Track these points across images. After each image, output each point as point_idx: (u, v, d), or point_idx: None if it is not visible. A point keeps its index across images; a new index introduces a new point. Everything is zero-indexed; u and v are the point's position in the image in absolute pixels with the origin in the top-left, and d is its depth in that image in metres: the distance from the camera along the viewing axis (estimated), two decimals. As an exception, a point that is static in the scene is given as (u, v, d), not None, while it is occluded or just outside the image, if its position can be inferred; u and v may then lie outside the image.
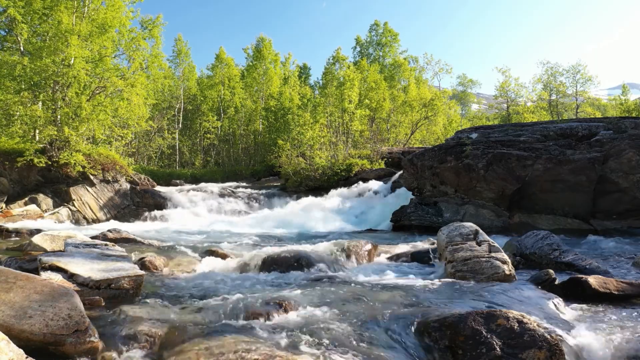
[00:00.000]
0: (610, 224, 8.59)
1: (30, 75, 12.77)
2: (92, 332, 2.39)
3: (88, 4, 14.50)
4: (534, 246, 5.10)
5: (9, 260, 4.21)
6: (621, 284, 3.59)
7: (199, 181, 21.36)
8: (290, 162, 18.14)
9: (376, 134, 25.02)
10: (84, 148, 13.44)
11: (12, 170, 12.14)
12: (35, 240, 5.19)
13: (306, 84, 34.81)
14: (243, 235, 8.36)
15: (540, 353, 2.31)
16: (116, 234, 6.54)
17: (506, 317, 2.51)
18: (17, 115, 13.22)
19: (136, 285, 3.47)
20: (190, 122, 30.49)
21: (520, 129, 11.05)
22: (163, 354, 2.36)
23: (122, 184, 13.95)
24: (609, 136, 9.38)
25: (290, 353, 2.27)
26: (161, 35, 18.02)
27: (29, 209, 11.41)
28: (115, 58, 15.77)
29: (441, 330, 2.57)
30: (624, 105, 27.18)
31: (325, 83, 23.42)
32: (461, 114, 44.10)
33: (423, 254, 5.40)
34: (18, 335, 2.21)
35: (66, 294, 2.59)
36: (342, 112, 21.64)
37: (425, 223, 9.64)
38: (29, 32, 13.83)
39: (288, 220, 12.00)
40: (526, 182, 9.11)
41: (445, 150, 10.45)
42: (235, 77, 31.06)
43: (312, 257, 4.85)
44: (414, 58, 36.70)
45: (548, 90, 30.73)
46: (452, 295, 3.49)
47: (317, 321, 2.81)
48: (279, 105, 26.26)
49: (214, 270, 4.79)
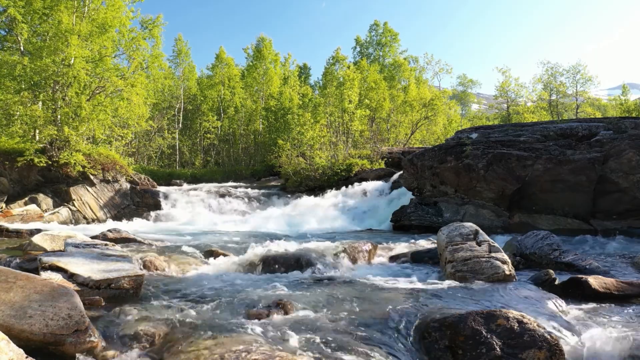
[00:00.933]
0: (610, 224, 8.59)
1: (31, 75, 12.78)
2: (92, 332, 2.39)
3: (88, 3, 14.50)
4: (534, 246, 5.10)
5: (9, 260, 4.21)
6: (621, 284, 3.59)
7: (199, 181, 21.37)
8: (290, 162, 18.14)
9: (376, 134, 25.01)
10: (84, 148, 13.45)
11: (12, 170, 12.14)
12: (35, 240, 5.18)
13: (306, 84, 34.79)
14: (243, 235, 8.36)
15: (540, 353, 2.31)
16: (116, 234, 6.54)
17: (506, 317, 2.51)
18: (17, 115, 13.22)
19: (136, 285, 3.47)
20: (190, 122, 30.49)
21: (520, 129, 11.05)
22: (163, 354, 2.36)
23: (122, 183, 13.95)
24: (609, 136, 9.38)
25: (290, 353, 2.27)
26: (161, 35, 18.02)
27: (29, 209, 11.42)
28: (115, 58, 15.79)
29: (441, 330, 2.57)
30: (624, 105, 27.15)
31: (325, 83, 23.42)
32: (461, 114, 44.09)
33: (423, 254, 5.40)
34: (18, 335, 2.21)
35: (66, 293, 2.59)
36: (342, 112, 21.64)
37: (425, 223, 9.64)
38: (29, 32, 13.83)
39: (288, 220, 12.00)
40: (526, 182, 9.11)
41: (445, 150, 10.45)
42: (235, 77, 31.07)
43: (312, 257, 4.85)
44: (414, 58, 36.72)
45: (548, 90, 30.72)
46: (452, 295, 3.49)
47: (317, 321, 2.81)
48: (279, 105, 26.27)
49: (214, 270, 4.79)
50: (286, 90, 28.23)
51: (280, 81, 31.81)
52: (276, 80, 31.13)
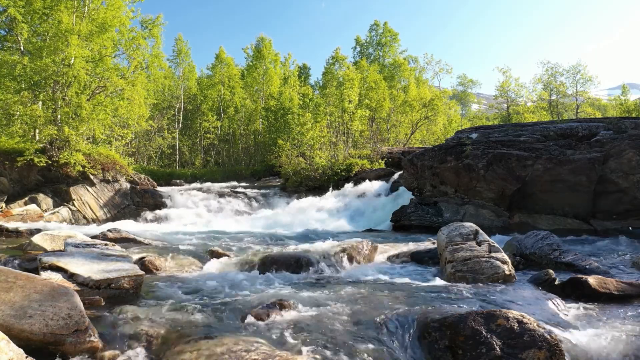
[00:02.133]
0: (610, 224, 8.58)
1: (31, 75, 12.77)
2: (92, 331, 2.39)
3: (88, 3, 14.50)
4: (534, 246, 5.10)
5: (9, 260, 4.21)
6: (621, 284, 3.59)
7: (199, 181, 21.38)
8: (290, 162, 18.13)
9: (376, 134, 25.01)
10: (84, 148, 13.44)
11: (12, 169, 12.13)
12: (35, 240, 5.18)
13: (306, 84, 34.80)
14: (243, 235, 8.36)
15: (540, 353, 2.31)
16: (116, 234, 6.54)
17: (506, 317, 2.51)
18: (17, 115, 13.21)
19: (136, 285, 3.47)
20: (190, 122, 30.50)
21: (520, 129, 11.05)
22: (163, 354, 2.36)
23: (122, 183, 13.95)
24: (609, 136, 9.38)
25: (290, 353, 2.27)
26: (161, 35, 18.07)
27: (29, 209, 11.41)
28: (116, 58, 15.79)
29: (441, 330, 2.57)
30: (624, 105, 27.14)
31: (325, 83, 23.42)
32: (461, 114, 44.07)
33: (423, 254, 5.40)
34: (18, 335, 2.21)
35: (66, 293, 2.59)
36: (342, 112, 21.64)
37: (425, 223, 9.64)
38: (29, 32, 13.83)
39: (288, 220, 12.00)
40: (526, 182, 9.11)
41: (445, 150, 10.45)
42: (235, 76, 31.07)
43: (312, 257, 4.85)
44: (414, 58, 36.72)
45: (548, 90, 30.71)
46: (451, 295, 3.49)
47: (317, 321, 2.81)
48: (279, 105, 26.27)
49: (214, 270, 4.79)
50: (286, 90, 28.23)
51: (280, 81, 31.81)
52: (276, 80, 31.13)
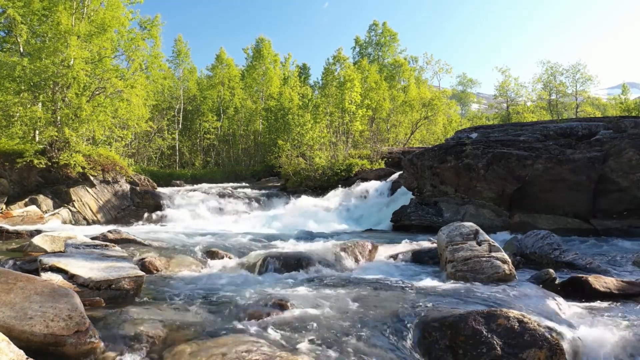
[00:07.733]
0: (610, 223, 8.58)
1: (30, 76, 12.77)
2: (92, 332, 2.39)
3: (87, 4, 14.51)
4: (534, 246, 5.10)
5: (10, 261, 4.21)
6: (621, 283, 3.59)
7: (199, 182, 21.39)
8: (290, 162, 18.14)
9: (376, 134, 25.01)
10: (84, 149, 13.44)
11: (12, 171, 12.14)
12: (36, 241, 5.17)
13: (306, 84, 34.81)
14: (243, 236, 8.35)
15: (540, 353, 2.31)
16: (116, 235, 6.53)
17: (506, 317, 2.51)
18: (17, 116, 13.22)
19: (136, 286, 3.46)
20: (190, 122, 30.50)
21: (520, 128, 11.06)
22: (163, 355, 2.36)
23: (122, 184, 13.95)
24: (609, 135, 9.38)
25: (290, 353, 2.27)
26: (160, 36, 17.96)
27: (29, 210, 11.40)
28: (115, 59, 15.78)
29: (441, 330, 2.57)
30: (623, 104, 27.15)
31: (325, 83, 23.41)
32: (461, 114, 44.11)
33: (423, 254, 5.40)
34: (19, 336, 2.21)
35: (66, 294, 2.59)
36: (342, 112, 21.64)
37: (426, 223, 9.64)
38: (29, 33, 13.83)
39: (288, 221, 12.00)
40: (526, 182, 9.11)
41: (445, 150, 10.45)
42: (235, 77, 31.09)
43: (312, 257, 4.85)
44: (413, 58, 36.73)
45: (548, 89, 30.70)
46: (452, 294, 3.49)
47: (317, 321, 2.81)
48: (279, 105, 26.27)
49: (214, 270, 4.79)
50: (286, 91, 28.24)
51: (280, 81, 31.82)
52: (276, 81, 31.15)
